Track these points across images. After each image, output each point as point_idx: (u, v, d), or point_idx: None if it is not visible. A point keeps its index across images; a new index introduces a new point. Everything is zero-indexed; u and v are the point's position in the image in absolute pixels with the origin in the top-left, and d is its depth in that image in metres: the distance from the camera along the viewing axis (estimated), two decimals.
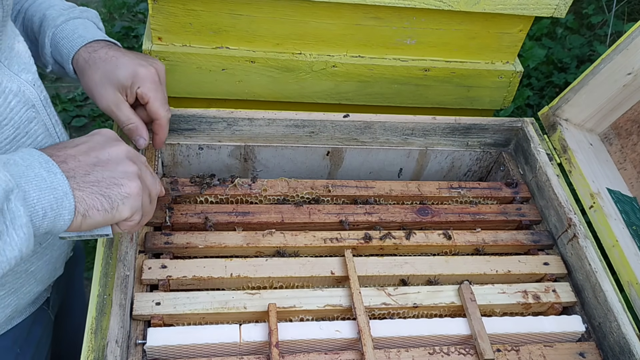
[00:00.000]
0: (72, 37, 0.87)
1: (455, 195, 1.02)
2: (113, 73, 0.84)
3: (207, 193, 0.94)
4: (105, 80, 0.84)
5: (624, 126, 1.10)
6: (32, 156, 0.61)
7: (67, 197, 0.60)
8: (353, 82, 1.15)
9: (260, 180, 0.97)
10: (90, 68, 0.85)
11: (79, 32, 0.88)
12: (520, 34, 1.13)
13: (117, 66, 0.84)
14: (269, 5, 1.03)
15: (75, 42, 0.87)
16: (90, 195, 0.63)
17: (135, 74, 0.84)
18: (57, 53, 0.88)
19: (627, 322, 0.83)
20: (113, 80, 0.84)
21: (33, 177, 0.59)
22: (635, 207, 1.02)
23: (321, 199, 0.98)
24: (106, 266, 0.82)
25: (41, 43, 0.88)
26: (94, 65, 0.85)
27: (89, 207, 0.62)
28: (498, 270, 0.91)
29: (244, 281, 0.85)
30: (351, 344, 0.81)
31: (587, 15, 2.59)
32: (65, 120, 2.29)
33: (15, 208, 0.56)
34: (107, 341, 0.72)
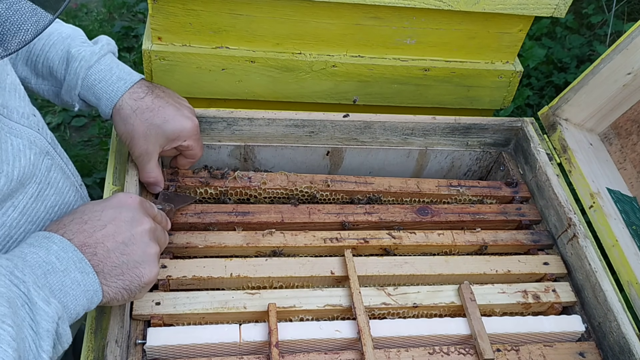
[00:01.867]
0: (110, 79, 0.83)
1: (454, 193, 1.02)
2: (161, 128, 0.84)
3: (206, 185, 0.95)
4: (151, 133, 0.84)
5: (624, 126, 1.10)
6: (66, 253, 0.64)
7: (97, 294, 0.66)
8: (353, 82, 1.15)
9: (260, 173, 0.98)
10: (137, 117, 0.83)
11: (114, 72, 0.84)
12: (520, 34, 1.13)
13: (166, 120, 0.84)
14: (268, 5, 1.03)
15: (116, 87, 0.83)
16: (114, 289, 0.67)
17: (182, 129, 0.85)
18: (91, 95, 0.84)
19: (627, 321, 0.83)
20: (159, 134, 0.84)
21: (70, 286, 0.63)
22: (635, 207, 1.02)
23: (320, 194, 0.98)
24: None
25: (70, 84, 0.84)
26: (141, 116, 0.83)
27: (111, 299, 0.68)
28: (498, 270, 0.91)
29: (243, 281, 0.85)
30: (351, 343, 0.81)
31: (587, 15, 2.59)
32: (65, 120, 2.29)
33: (63, 331, 0.61)
34: (107, 341, 0.72)
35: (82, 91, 0.84)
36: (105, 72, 0.84)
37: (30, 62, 0.85)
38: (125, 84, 0.84)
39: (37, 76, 0.86)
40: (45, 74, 0.85)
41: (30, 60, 0.84)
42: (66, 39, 0.84)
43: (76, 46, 0.83)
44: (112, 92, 0.83)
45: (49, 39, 0.83)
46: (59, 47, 0.84)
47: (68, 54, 0.83)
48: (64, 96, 0.86)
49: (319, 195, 0.99)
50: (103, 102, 0.84)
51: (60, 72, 0.84)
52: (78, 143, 2.24)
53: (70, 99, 0.86)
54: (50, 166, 0.75)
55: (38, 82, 0.86)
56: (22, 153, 0.69)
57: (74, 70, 0.83)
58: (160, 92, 0.86)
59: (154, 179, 0.89)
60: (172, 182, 0.94)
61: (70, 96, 0.85)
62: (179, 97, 0.90)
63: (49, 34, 0.83)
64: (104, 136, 2.25)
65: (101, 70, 0.83)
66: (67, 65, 0.83)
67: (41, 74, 0.86)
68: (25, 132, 0.70)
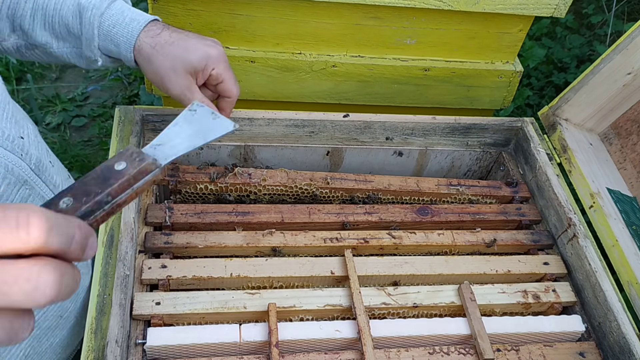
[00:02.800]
0: (124, 22, 0.80)
1: (454, 192, 1.02)
2: (185, 57, 0.80)
3: (206, 180, 0.95)
4: (178, 65, 0.80)
5: (624, 126, 1.10)
6: None
7: None
8: (353, 82, 1.15)
9: (260, 170, 0.98)
10: (158, 54, 0.80)
11: (127, 14, 0.80)
12: (520, 34, 1.13)
13: (188, 50, 0.80)
14: (268, 5, 1.03)
15: (130, 28, 0.80)
16: None
17: (208, 56, 0.81)
18: (109, 43, 0.80)
19: (627, 321, 0.83)
20: (186, 64, 0.80)
21: None
22: (635, 207, 1.02)
23: (320, 191, 0.98)
24: (106, 266, 0.82)
25: (87, 37, 0.80)
26: (162, 50, 0.80)
27: None
28: (498, 270, 0.91)
29: (243, 281, 0.85)
30: (351, 343, 0.81)
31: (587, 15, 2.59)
32: (65, 120, 2.29)
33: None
34: (107, 341, 0.72)
35: (100, 42, 0.81)
36: (118, 15, 0.80)
37: (47, 24, 0.80)
38: (139, 23, 0.80)
39: (57, 39, 0.82)
40: (63, 34, 0.81)
41: (47, 22, 0.80)
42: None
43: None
44: (127, 33, 0.80)
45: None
46: (69, 2, 0.80)
47: (79, 6, 0.79)
48: (86, 52, 0.82)
49: (319, 192, 0.99)
50: (122, 46, 0.80)
51: (76, 27, 0.80)
52: (78, 143, 2.24)
53: (92, 54, 0.82)
54: (26, 197, 0.69)
55: (59, 46, 0.82)
56: None
57: (88, 20, 0.79)
58: (178, 29, 0.84)
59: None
60: (172, 178, 0.94)
61: (92, 50, 0.81)
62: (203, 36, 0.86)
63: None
64: (104, 136, 2.26)
65: (113, 14, 0.80)
66: (81, 18, 0.79)
67: (60, 35, 0.82)
68: (3, 158, 0.66)
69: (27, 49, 0.82)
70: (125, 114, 1.00)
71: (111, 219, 0.86)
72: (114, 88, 2.44)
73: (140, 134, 0.94)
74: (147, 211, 0.89)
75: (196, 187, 0.96)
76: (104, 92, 2.42)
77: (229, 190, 0.97)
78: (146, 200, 0.92)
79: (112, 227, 0.86)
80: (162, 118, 0.98)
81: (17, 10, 0.79)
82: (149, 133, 0.99)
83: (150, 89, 1.13)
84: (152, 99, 2.26)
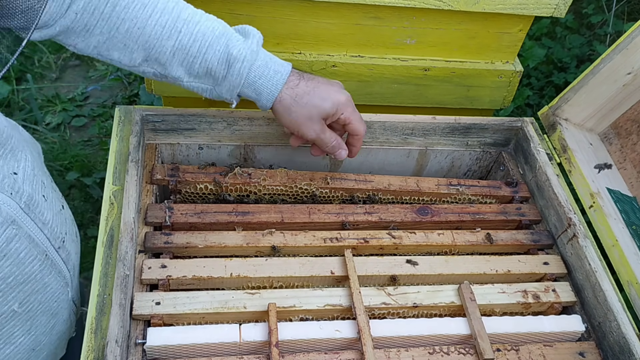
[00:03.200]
0: (269, 74, 0.85)
1: (454, 192, 1.02)
2: (320, 106, 0.87)
3: (206, 180, 0.95)
4: (314, 113, 0.87)
5: (624, 126, 1.10)
6: None
7: None
8: (353, 82, 1.15)
9: (259, 170, 0.98)
10: (297, 105, 0.86)
11: (271, 66, 0.85)
12: (520, 34, 1.13)
13: (322, 99, 0.87)
14: (268, 5, 1.03)
15: (275, 81, 0.85)
16: None
17: (339, 103, 0.88)
18: (251, 91, 0.86)
19: (627, 321, 0.83)
20: (321, 112, 0.87)
21: None
22: (635, 207, 1.02)
23: (320, 191, 0.98)
24: (106, 266, 0.82)
25: (232, 84, 0.85)
26: (301, 101, 0.86)
27: None
28: (498, 270, 0.91)
29: (243, 281, 0.85)
30: (351, 343, 0.81)
31: (587, 15, 2.59)
32: (65, 120, 2.29)
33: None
34: (107, 341, 0.72)
35: (243, 88, 0.86)
36: (263, 67, 0.84)
37: (186, 62, 0.83)
38: (282, 76, 0.85)
39: (191, 76, 0.85)
40: (200, 74, 0.85)
41: (187, 61, 0.83)
42: (221, 37, 0.82)
43: (235, 46, 0.82)
44: (272, 86, 0.85)
45: (204, 39, 0.82)
46: (216, 47, 0.82)
47: (228, 55, 0.82)
48: (221, 94, 0.87)
49: (319, 192, 0.99)
50: (264, 96, 0.86)
51: (221, 72, 0.84)
52: (78, 143, 2.24)
53: (230, 96, 0.87)
54: (12, 237, 0.69)
55: (190, 81, 0.86)
56: None
57: (237, 71, 0.83)
58: (309, 75, 0.89)
59: (336, 142, 0.91)
60: (173, 178, 0.94)
61: (231, 94, 0.86)
62: (328, 80, 0.92)
63: (203, 34, 0.82)
64: (104, 136, 2.25)
65: (260, 66, 0.84)
66: (229, 67, 0.83)
67: (196, 74, 0.85)
68: None
69: (154, 75, 0.86)
70: (125, 114, 1.00)
71: (111, 219, 0.87)
72: (113, 88, 2.44)
73: (140, 134, 0.94)
74: (147, 211, 0.89)
75: (196, 187, 0.96)
76: (103, 92, 2.42)
77: (229, 190, 0.97)
78: (146, 200, 0.92)
79: (112, 227, 0.86)
80: (162, 118, 0.98)
81: (155, 46, 0.81)
82: (149, 133, 0.99)
83: (150, 89, 1.13)
84: (152, 99, 2.26)
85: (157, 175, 0.94)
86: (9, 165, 0.71)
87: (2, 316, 0.68)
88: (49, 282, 0.75)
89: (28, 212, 0.72)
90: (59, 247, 0.78)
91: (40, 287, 0.73)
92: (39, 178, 0.76)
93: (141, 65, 0.84)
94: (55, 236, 0.78)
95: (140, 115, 0.96)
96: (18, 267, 0.70)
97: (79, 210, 2.01)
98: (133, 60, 0.83)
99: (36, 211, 0.73)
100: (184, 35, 0.81)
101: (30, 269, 0.72)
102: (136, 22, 0.78)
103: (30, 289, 0.72)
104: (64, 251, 0.80)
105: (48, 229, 0.76)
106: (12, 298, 0.69)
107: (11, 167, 0.71)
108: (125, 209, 0.85)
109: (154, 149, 0.99)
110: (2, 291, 0.68)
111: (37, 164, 0.79)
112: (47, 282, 0.74)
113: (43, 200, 0.76)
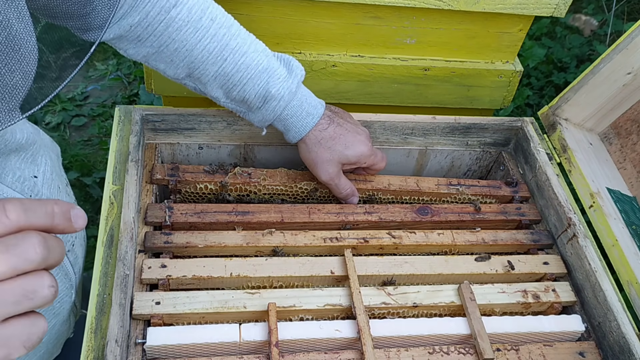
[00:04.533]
0: (301, 115, 0.87)
1: (454, 192, 1.02)
2: (343, 153, 0.90)
3: (207, 180, 0.95)
4: (334, 158, 0.90)
5: (624, 126, 1.10)
6: None
7: None
8: (353, 82, 1.15)
9: (259, 169, 0.98)
10: (321, 146, 0.89)
11: (304, 108, 0.87)
12: (520, 34, 1.13)
13: (347, 146, 0.90)
14: (268, 4, 1.03)
15: (305, 122, 0.88)
16: None
17: (361, 155, 0.91)
18: (281, 125, 0.89)
19: (627, 321, 0.83)
20: (342, 158, 0.90)
21: None
22: (635, 207, 1.02)
23: (320, 191, 0.98)
24: (106, 265, 0.82)
25: (265, 117, 0.88)
26: (325, 144, 0.89)
27: None
28: (498, 269, 0.91)
29: (243, 281, 0.85)
30: (351, 343, 0.81)
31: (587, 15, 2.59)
32: (65, 119, 2.29)
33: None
34: (107, 341, 0.72)
35: (274, 122, 0.89)
36: (297, 108, 0.87)
37: (225, 88, 0.85)
38: (313, 119, 0.88)
39: (228, 98, 0.87)
40: (237, 100, 0.87)
41: (226, 87, 0.85)
42: (263, 73, 0.84)
43: (274, 84, 0.84)
44: (301, 126, 0.88)
45: (247, 71, 0.83)
46: (256, 82, 0.84)
47: (267, 92, 0.84)
48: (252, 120, 0.90)
49: (319, 192, 0.99)
50: (291, 133, 0.89)
51: (256, 105, 0.86)
52: (78, 142, 2.24)
53: (260, 125, 0.90)
54: None
55: (227, 102, 0.88)
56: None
57: (272, 108, 0.86)
58: (340, 120, 0.91)
59: (350, 190, 0.94)
60: (173, 177, 0.94)
61: (262, 124, 0.89)
62: (355, 122, 0.95)
63: (247, 66, 0.83)
64: (103, 136, 2.25)
65: (294, 106, 0.87)
66: (265, 102, 0.85)
67: (233, 98, 0.87)
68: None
69: (194, 89, 0.88)
70: (125, 114, 1.00)
71: (111, 219, 0.87)
72: (113, 87, 2.44)
73: (140, 134, 0.94)
74: (147, 211, 0.89)
75: (196, 187, 0.96)
76: (103, 92, 2.42)
77: (229, 190, 0.97)
78: (146, 200, 0.92)
79: (112, 226, 0.86)
80: (162, 118, 0.98)
81: (200, 68, 0.83)
82: (149, 133, 0.99)
83: (150, 89, 1.13)
84: (152, 99, 2.26)
85: (157, 175, 0.94)
86: (30, 168, 0.72)
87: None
88: None
89: None
90: (68, 250, 0.79)
91: None
92: (55, 182, 0.77)
93: (184, 79, 0.86)
94: (66, 239, 0.78)
95: (140, 115, 0.96)
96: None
97: None
98: (177, 74, 0.85)
99: None
100: (228, 64, 0.83)
101: None
102: (185, 44, 0.80)
103: None
104: (73, 254, 0.81)
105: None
106: None
107: (32, 170, 0.73)
108: (125, 208, 0.85)
109: (154, 149, 0.99)
110: None
111: (55, 167, 0.79)
112: None
113: None
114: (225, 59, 0.82)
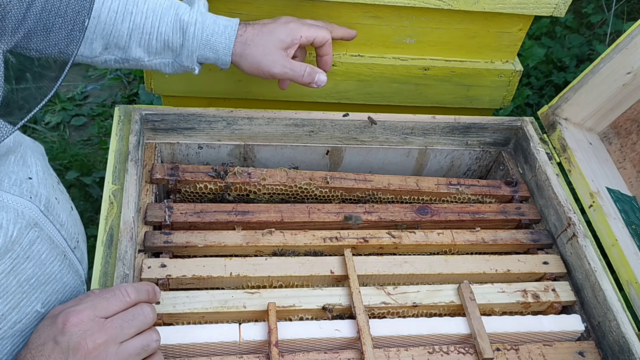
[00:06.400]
0: (219, 30, 0.88)
1: (453, 192, 1.02)
2: (272, 38, 0.89)
3: (206, 180, 0.95)
4: (270, 47, 0.89)
5: (624, 125, 1.10)
6: None
7: None
8: (352, 82, 1.15)
9: (259, 169, 0.98)
10: (249, 47, 0.89)
11: (220, 22, 0.88)
12: (519, 33, 1.13)
13: (272, 32, 0.90)
14: (268, 4, 1.02)
15: (227, 34, 0.88)
16: None
17: (289, 29, 0.90)
18: (208, 51, 0.89)
19: (627, 321, 0.83)
20: (276, 44, 0.89)
21: None
22: (634, 206, 1.02)
23: (319, 190, 0.98)
24: (105, 265, 0.82)
25: (190, 49, 0.88)
26: (252, 44, 0.89)
27: None
28: (497, 269, 0.91)
29: (243, 280, 0.85)
30: (351, 343, 0.81)
31: (587, 14, 2.59)
32: (64, 119, 2.29)
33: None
34: None
35: (200, 51, 0.88)
36: (214, 25, 0.88)
37: (143, 41, 0.87)
38: (232, 29, 0.89)
39: (150, 54, 0.88)
40: (159, 50, 0.88)
41: (144, 39, 0.86)
42: (170, 9, 0.86)
43: (184, 12, 0.86)
44: (226, 40, 0.88)
45: (154, 14, 0.85)
46: (167, 19, 0.86)
47: (181, 22, 0.86)
48: (185, 63, 0.89)
49: (318, 192, 0.99)
50: (221, 52, 0.89)
51: (177, 41, 0.87)
52: (78, 142, 2.24)
53: (191, 63, 0.90)
54: (35, 239, 0.70)
55: (151, 59, 0.89)
56: (2, 230, 0.64)
57: (192, 34, 0.87)
58: (253, 22, 0.92)
59: (309, 69, 0.92)
60: (172, 177, 0.94)
61: (191, 61, 0.89)
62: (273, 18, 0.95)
63: (153, 10, 0.85)
64: (103, 135, 2.25)
65: (210, 24, 0.87)
66: (183, 33, 0.86)
67: (155, 50, 0.88)
68: (13, 203, 0.67)
69: (116, 62, 0.89)
70: (124, 113, 1.00)
71: (111, 218, 0.87)
72: (113, 87, 2.44)
73: (139, 133, 0.94)
74: (147, 210, 0.89)
75: (196, 187, 0.96)
76: (103, 92, 2.42)
77: (229, 190, 0.97)
78: (146, 200, 0.92)
79: (112, 226, 0.86)
80: (162, 117, 0.98)
81: (112, 31, 0.84)
82: (149, 132, 0.99)
83: (149, 88, 1.13)
84: (151, 98, 2.26)
85: (156, 174, 0.94)
86: (23, 170, 0.72)
87: (27, 317, 0.69)
88: (67, 281, 0.76)
89: (47, 214, 0.73)
90: (74, 247, 0.80)
91: (60, 287, 0.75)
92: (49, 181, 0.77)
93: (102, 54, 0.86)
94: (71, 237, 0.79)
95: (140, 114, 0.96)
96: (40, 268, 0.71)
97: (78, 209, 2.00)
98: (93, 50, 0.85)
99: (54, 213, 0.75)
100: (135, 14, 0.84)
101: (51, 269, 0.73)
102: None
103: (51, 289, 0.73)
104: (79, 251, 0.81)
105: (65, 230, 0.77)
106: (35, 299, 0.70)
107: (25, 172, 0.72)
108: (125, 208, 0.85)
109: (154, 148, 0.99)
110: (26, 292, 0.69)
111: (45, 166, 0.79)
112: (66, 282, 0.76)
113: (56, 202, 0.77)
114: (131, 12, 0.84)
